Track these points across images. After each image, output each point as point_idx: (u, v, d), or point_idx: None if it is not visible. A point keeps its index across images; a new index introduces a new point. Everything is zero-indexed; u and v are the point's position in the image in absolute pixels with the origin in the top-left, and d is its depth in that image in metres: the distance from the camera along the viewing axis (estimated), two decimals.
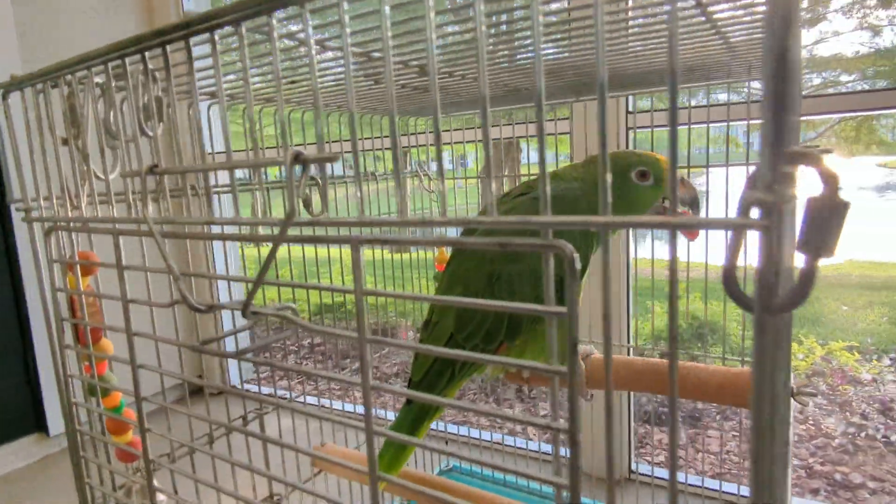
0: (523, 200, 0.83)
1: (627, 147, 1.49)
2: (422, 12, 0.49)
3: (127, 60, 0.45)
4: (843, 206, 0.24)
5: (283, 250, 0.40)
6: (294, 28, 0.59)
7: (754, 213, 0.25)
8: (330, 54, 0.63)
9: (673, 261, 0.27)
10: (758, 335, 0.25)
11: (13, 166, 0.58)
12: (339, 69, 0.73)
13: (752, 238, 0.25)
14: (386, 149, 1.40)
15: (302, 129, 1.14)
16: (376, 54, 0.65)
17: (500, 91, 0.94)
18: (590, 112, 1.47)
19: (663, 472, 1.66)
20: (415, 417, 0.82)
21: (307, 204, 0.96)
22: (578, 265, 0.29)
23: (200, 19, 0.38)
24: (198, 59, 0.44)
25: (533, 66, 0.74)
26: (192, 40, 0.42)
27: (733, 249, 0.26)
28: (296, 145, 1.22)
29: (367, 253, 1.64)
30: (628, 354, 1.50)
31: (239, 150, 1.01)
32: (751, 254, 0.27)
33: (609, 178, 0.29)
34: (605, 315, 0.28)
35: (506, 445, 1.81)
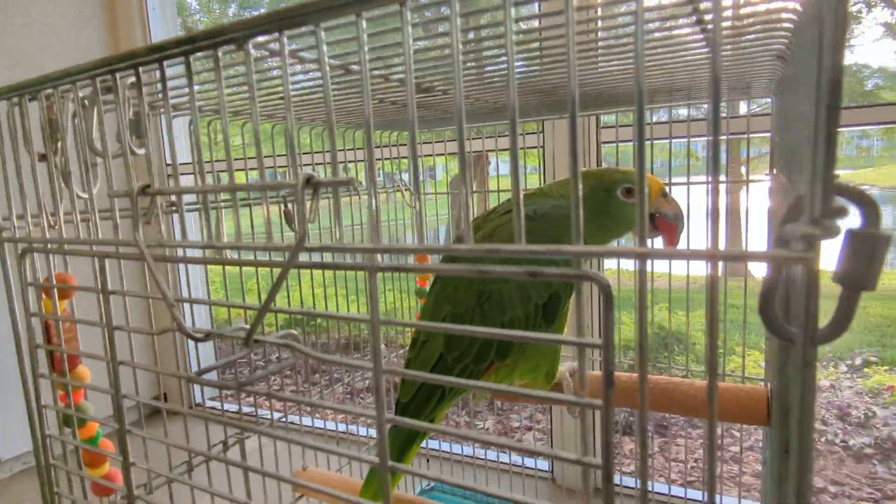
0: (508, 219, 0.82)
1: (598, 162, 1.52)
2: (395, 24, 0.48)
3: (117, 75, 0.43)
4: (885, 241, 0.24)
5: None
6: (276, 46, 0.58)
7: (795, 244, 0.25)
8: (298, 67, 0.62)
9: (642, 294, 0.27)
10: (803, 368, 0.25)
11: None
12: (311, 83, 0.71)
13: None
14: (359, 161, 1.38)
15: (271, 138, 1.11)
16: (354, 67, 0.63)
17: (470, 106, 0.94)
18: (559, 127, 1.49)
19: (633, 482, 1.67)
20: (403, 442, 0.80)
21: (289, 220, 0.93)
22: (614, 294, 0.28)
23: (204, 35, 0.37)
24: (172, 78, 0.42)
25: (504, 82, 0.74)
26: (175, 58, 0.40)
27: (772, 282, 0.26)
28: (266, 156, 1.19)
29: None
30: (596, 368, 1.52)
31: (211, 162, 0.98)
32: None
33: (581, 211, 0.29)
34: (641, 346, 0.28)
35: (487, 460, 1.80)
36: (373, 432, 1.78)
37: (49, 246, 0.52)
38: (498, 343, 0.77)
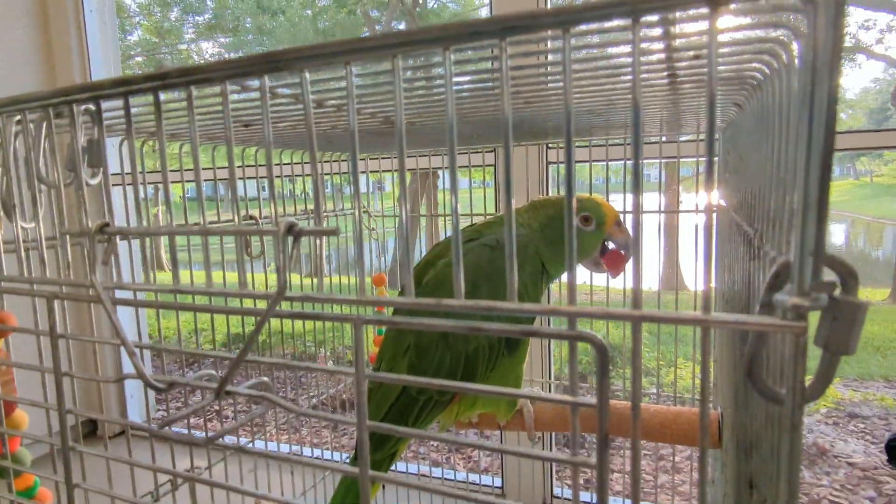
0: (472, 248, 0.83)
1: (548, 181, 1.56)
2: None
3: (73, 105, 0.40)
4: (864, 309, 0.25)
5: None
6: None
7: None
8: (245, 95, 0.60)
9: (637, 356, 0.27)
10: (792, 430, 0.25)
11: None
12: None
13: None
14: (306, 175, 1.35)
15: (212, 159, 1.07)
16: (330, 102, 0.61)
17: (419, 131, 0.94)
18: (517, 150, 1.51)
19: (585, 496, 1.70)
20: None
21: (247, 246, 0.90)
22: (608, 355, 0.28)
23: (178, 73, 0.35)
24: (134, 108, 0.40)
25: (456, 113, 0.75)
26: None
27: (758, 347, 0.27)
28: (204, 168, 1.14)
29: (294, 278, 1.57)
30: (549, 390, 1.54)
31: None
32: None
33: (515, 267, 0.30)
34: (634, 405, 0.28)
35: (432, 477, 1.78)
36: (314, 452, 1.73)
37: None
38: (462, 373, 0.76)
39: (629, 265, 0.89)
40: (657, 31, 0.35)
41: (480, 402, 0.82)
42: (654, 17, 0.35)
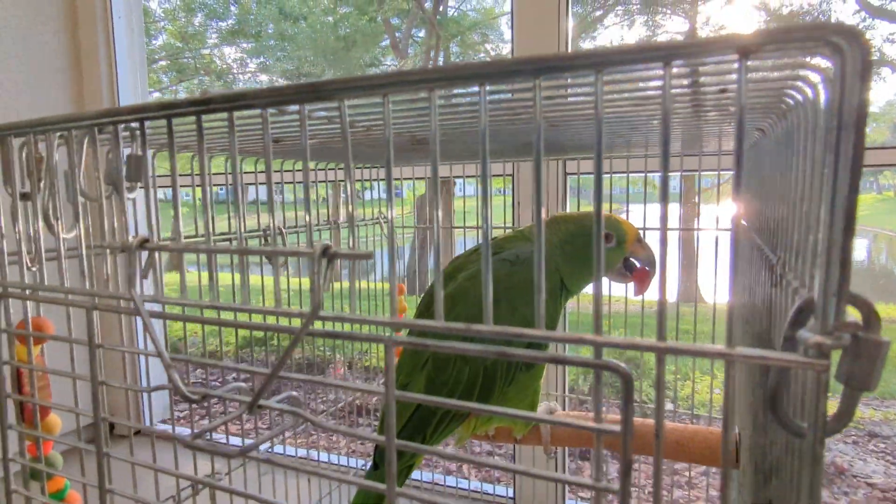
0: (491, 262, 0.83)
1: (566, 191, 1.56)
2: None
3: (118, 126, 0.42)
4: (886, 347, 0.26)
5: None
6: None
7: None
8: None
9: (659, 388, 0.28)
10: (813, 463, 0.26)
11: None
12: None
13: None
14: (329, 181, 1.38)
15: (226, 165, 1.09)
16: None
17: (444, 148, 0.95)
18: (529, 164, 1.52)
19: None
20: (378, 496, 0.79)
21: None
22: (633, 383, 0.29)
23: (222, 99, 0.36)
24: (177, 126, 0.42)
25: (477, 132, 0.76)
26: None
27: (780, 382, 0.28)
28: (215, 174, 1.17)
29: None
30: (564, 404, 1.54)
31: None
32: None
33: (543, 295, 0.30)
34: (657, 434, 0.29)
35: (447, 486, 1.79)
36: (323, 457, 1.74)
37: (29, 293, 0.50)
38: (479, 391, 0.77)
39: (654, 295, 0.89)
40: (686, 70, 0.36)
41: (496, 418, 0.83)
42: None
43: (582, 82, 0.40)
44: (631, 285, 0.94)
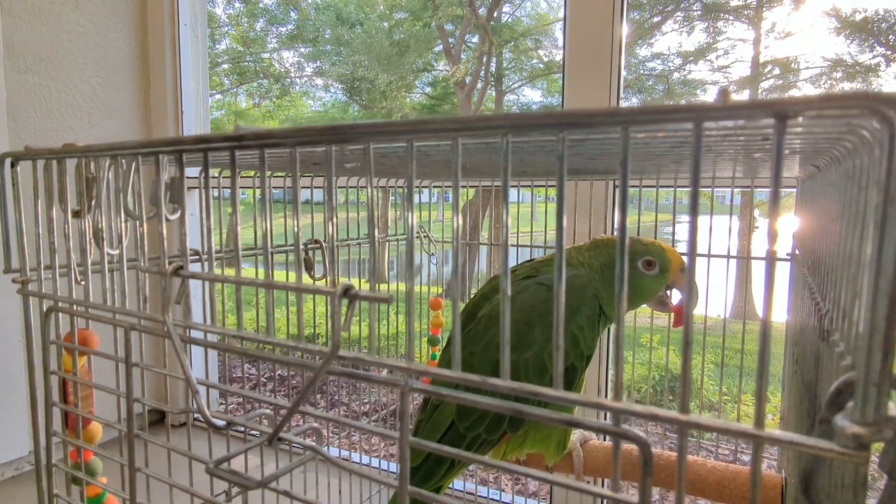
0: (527, 286, 0.82)
1: (614, 202, 1.52)
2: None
3: (161, 156, 0.44)
4: None
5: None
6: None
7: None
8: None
9: (682, 460, 0.26)
10: None
11: (13, 235, 0.55)
12: None
13: None
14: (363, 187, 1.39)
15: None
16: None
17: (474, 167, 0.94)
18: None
19: None
20: None
21: (308, 267, 0.93)
22: (650, 452, 0.28)
23: (253, 136, 0.37)
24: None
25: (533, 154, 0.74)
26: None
27: (815, 467, 0.26)
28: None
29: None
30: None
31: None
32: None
33: (561, 361, 0.29)
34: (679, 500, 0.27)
35: (480, 497, 1.78)
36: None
37: (75, 308, 0.52)
38: (510, 416, 0.76)
39: (679, 359, 0.86)
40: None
41: (529, 442, 0.81)
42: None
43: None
44: (665, 313, 0.91)
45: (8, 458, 1.90)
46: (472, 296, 0.90)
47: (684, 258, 0.90)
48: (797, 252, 0.87)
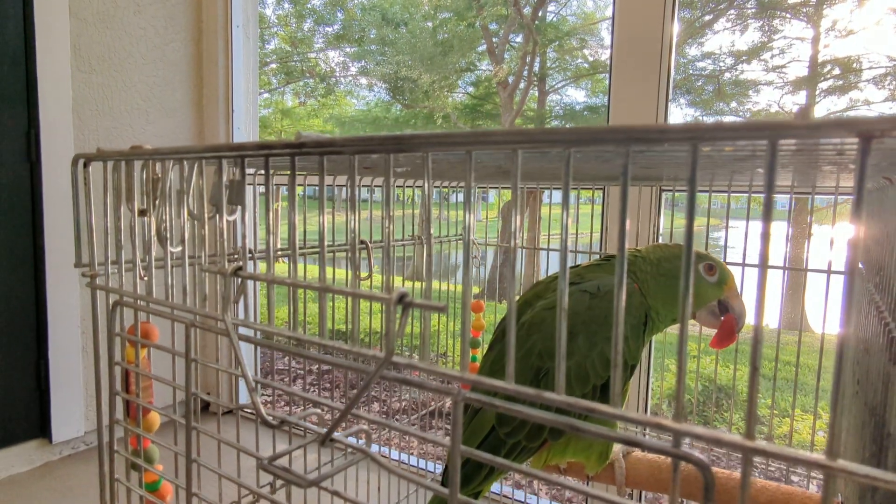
0: (571, 293, 0.81)
1: (661, 205, 1.49)
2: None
3: (223, 161, 0.45)
4: None
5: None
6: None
7: None
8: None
9: (745, 489, 0.25)
10: None
11: (84, 231, 0.58)
12: None
13: None
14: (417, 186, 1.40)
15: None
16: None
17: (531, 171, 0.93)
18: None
19: None
20: None
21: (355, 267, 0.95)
22: (711, 473, 0.27)
23: (314, 144, 0.38)
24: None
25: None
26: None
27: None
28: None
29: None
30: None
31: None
32: None
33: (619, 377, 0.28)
34: None
35: (515, 500, 1.77)
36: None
37: (139, 303, 0.55)
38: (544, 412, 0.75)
39: (746, 377, 0.83)
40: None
41: (571, 451, 0.80)
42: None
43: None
44: (708, 331, 0.88)
45: (66, 438, 2.01)
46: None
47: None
48: (859, 266, 0.83)
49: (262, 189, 0.93)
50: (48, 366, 1.95)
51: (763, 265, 0.26)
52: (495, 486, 1.83)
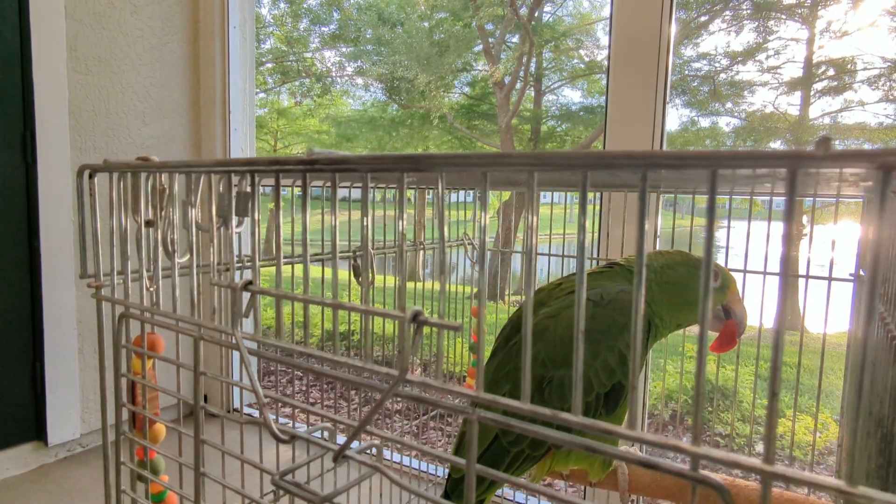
0: (573, 301, 0.81)
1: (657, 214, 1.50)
2: None
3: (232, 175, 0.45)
4: None
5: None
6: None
7: None
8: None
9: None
10: None
11: (90, 242, 0.57)
12: None
13: None
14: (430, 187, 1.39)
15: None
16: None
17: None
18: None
19: None
20: None
21: (357, 274, 0.95)
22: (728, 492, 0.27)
23: (326, 161, 0.38)
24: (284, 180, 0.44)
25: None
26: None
27: None
28: None
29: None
30: (640, 448, 1.47)
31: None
32: None
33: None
34: None
35: (516, 502, 1.78)
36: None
37: (146, 315, 0.55)
38: (557, 429, 0.75)
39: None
40: None
41: (574, 458, 0.80)
42: None
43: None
44: (707, 337, 0.88)
45: (62, 440, 2.00)
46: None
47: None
48: (861, 273, 0.84)
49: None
50: (44, 368, 1.94)
51: (784, 277, 0.26)
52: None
